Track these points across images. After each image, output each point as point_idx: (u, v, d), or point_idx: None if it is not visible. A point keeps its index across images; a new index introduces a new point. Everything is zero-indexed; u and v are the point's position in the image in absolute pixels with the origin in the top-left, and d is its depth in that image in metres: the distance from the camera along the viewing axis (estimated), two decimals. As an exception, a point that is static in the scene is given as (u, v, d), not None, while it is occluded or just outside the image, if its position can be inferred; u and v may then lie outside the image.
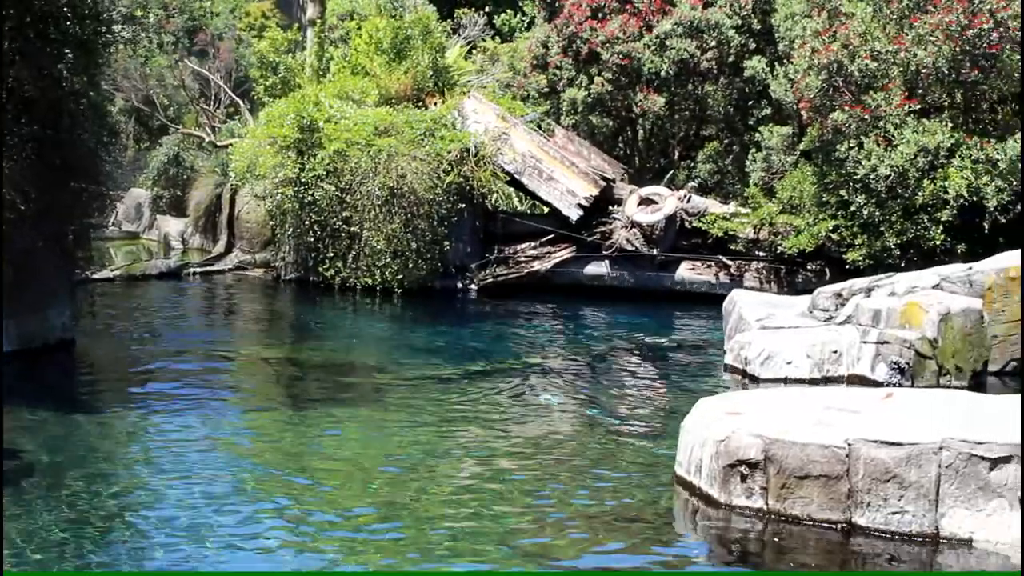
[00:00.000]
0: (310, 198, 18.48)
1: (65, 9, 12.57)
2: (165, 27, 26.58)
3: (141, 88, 26.86)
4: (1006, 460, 7.57)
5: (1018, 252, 13.11)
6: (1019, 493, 7.47)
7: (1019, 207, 15.20)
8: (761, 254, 17.91)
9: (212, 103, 27.32)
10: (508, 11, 27.17)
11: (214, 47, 28.19)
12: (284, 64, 25.31)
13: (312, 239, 18.76)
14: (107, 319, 15.76)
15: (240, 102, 26.29)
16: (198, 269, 21.03)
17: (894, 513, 7.74)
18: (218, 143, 24.92)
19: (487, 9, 27.04)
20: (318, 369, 13.15)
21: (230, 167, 21.16)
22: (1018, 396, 9.43)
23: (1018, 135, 15.33)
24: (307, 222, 18.63)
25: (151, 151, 26.99)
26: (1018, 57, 15.66)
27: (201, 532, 7.62)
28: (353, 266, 18.44)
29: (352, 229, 18.34)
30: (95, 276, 17.66)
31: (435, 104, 19.97)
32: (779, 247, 17.42)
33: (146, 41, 17.52)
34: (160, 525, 7.79)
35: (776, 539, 7.76)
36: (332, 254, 18.62)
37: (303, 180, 18.49)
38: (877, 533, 7.73)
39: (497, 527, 7.97)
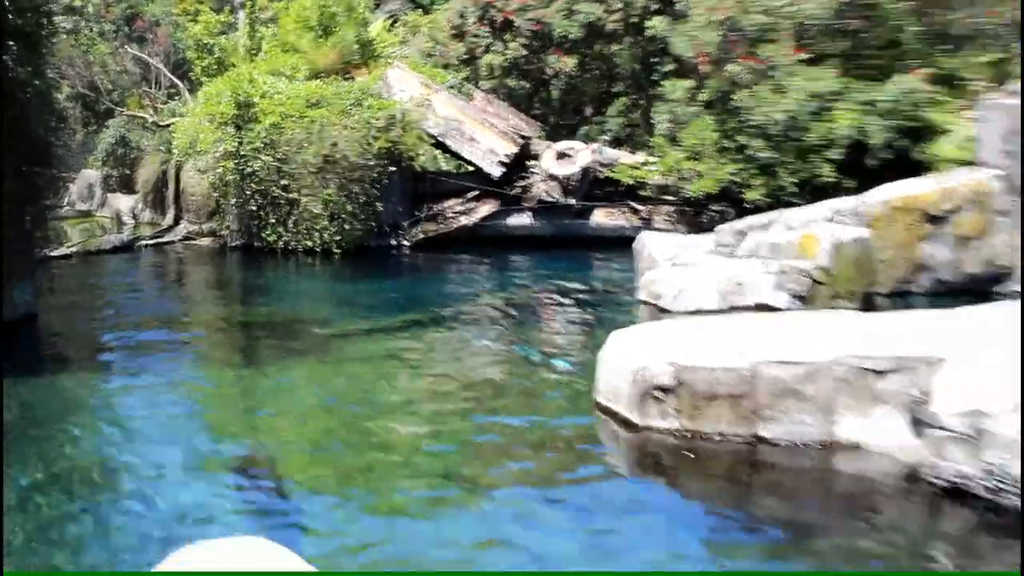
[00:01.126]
0: (250, 169, 18.42)
1: (7, 3, 12.46)
2: (105, 16, 26.34)
3: (85, 75, 26.54)
4: (892, 371, 7.76)
5: (901, 182, 13.32)
6: (911, 400, 7.64)
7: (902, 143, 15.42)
8: (669, 198, 18.04)
9: (153, 86, 27.10)
10: (426, -16, 27.09)
11: (152, 33, 27.94)
12: (218, 45, 25.13)
13: (254, 207, 18.71)
14: (67, 293, 15.69)
15: (179, 83, 26.08)
16: (149, 241, 20.91)
17: (794, 425, 7.92)
18: (161, 123, 24.71)
19: (407, -16, 26.93)
20: (267, 327, 13.17)
21: (173, 145, 21.06)
22: (903, 312, 9.66)
23: (898, 78, 15.53)
24: (248, 192, 18.58)
25: (99, 134, 26.70)
26: (894, 5, 15.83)
27: (158, 482, 7.68)
28: (294, 231, 18.41)
29: (291, 196, 18.31)
30: (53, 254, 17.54)
31: (362, 76, 19.93)
32: (685, 191, 17.56)
33: (87, 30, 17.43)
34: (128, 473, 7.85)
35: (690, 454, 7.90)
36: (273, 220, 18.58)
37: (242, 153, 18.43)
38: (780, 444, 7.90)
39: (436, 455, 8.09)
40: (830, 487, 7.45)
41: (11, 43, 12.55)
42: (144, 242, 20.85)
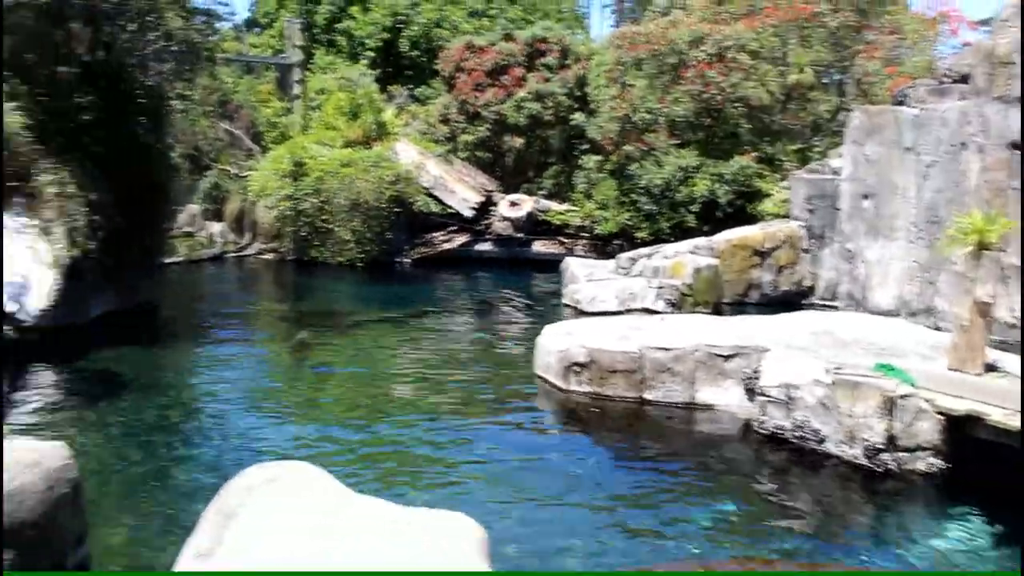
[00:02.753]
0: (301, 207, 18.24)
1: (139, 91, 12.33)
2: (205, 100, 25.97)
3: (191, 140, 26.17)
4: (734, 356, 7.79)
5: (739, 228, 13.39)
6: (746, 376, 7.66)
7: (740, 202, 15.49)
8: (585, 235, 18.05)
9: (237, 148, 26.77)
10: (423, 85, 26.87)
11: (237, 113, 27.58)
12: (282, 123, 24.89)
13: (304, 233, 18.53)
14: (176, 288, 15.50)
15: (255, 147, 25.79)
16: (233, 255, 20.68)
17: (668, 391, 7.93)
18: (241, 174, 24.42)
19: (410, 85, 26.73)
20: (311, 314, 13.02)
21: (250, 189, 20.82)
22: (741, 316, 9.69)
23: (736, 158, 15.60)
24: (300, 222, 18.40)
25: (199, 181, 26.34)
26: (734, 110, 15.92)
27: (232, 426, 7.61)
28: (331, 250, 18.23)
29: (329, 226, 18.14)
30: (167, 261, 17.32)
31: (378, 146, 19.81)
32: (596, 230, 17.58)
33: (193, 109, 17.19)
34: (205, 419, 7.77)
35: (597, 410, 7.90)
36: (317, 242, 18.40)
37: (296, 196, 18.26)
38: (659, 404, 7.92)
39: (421, 406, 8.05)
40: (691, 432, 7.47)
41: (141, 118, 12.42)
42: (229, 255, 20.62)
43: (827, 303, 11.94)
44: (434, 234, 18.96)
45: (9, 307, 9.68)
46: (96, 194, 10.67)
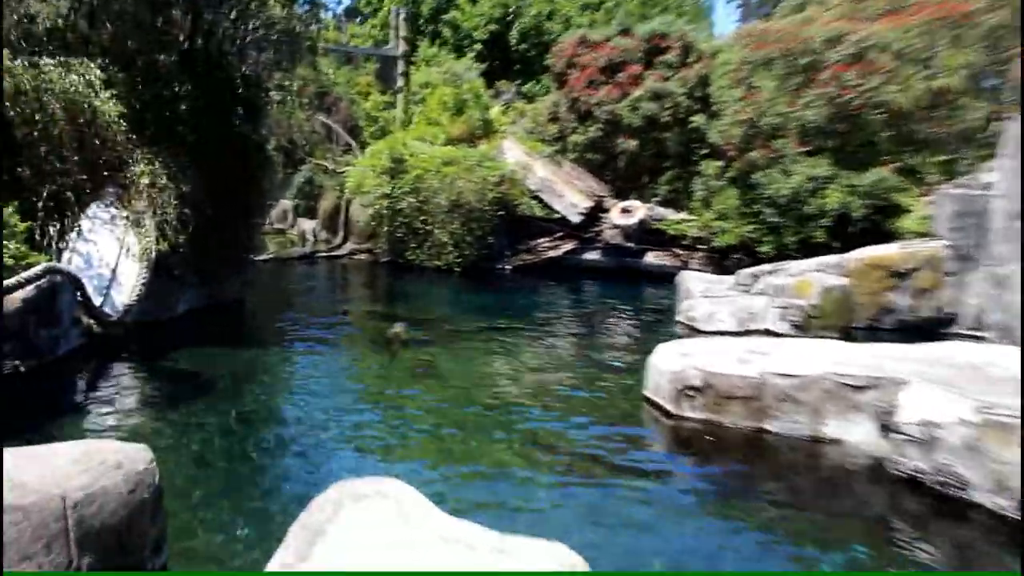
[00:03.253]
0: (399, 207, 18.52)
1: (238, 80, 12.64)
2: (303, 92, 26.56)
3: (287, 133, 26.85)
4: (867, 387, 7.54)
5: (875, 247, 13.04)
6: (880, 409, 7.43)
7: (876, 217, 15.10)
8: (702, 247, 17.86)
9: (334, 143, 27.31)
10: (532, 81, 26.98)
11: (335, 106, 28.17)
12: (382, 117, 25.32)
13: (400, 235, 18.80)
14: (264, 287, 15.84)
15: (352, 142, 26.28)
16: (325, 254, 21.09)
17: (791, 422, 7.73)
18: (337, 170, 24.91)
19: (518, 81, 26.87)
20: (404, 320, 13.14)
21: (345, 186, 21.21)
22: (874, 343, 9.39)
23: (874, 170, 15.22)
24: (397, 223, 18.69)
25: (293, 175, 26.98)
26: (873, 117, 15.53)
27: (319, 433, 7.69)
28: (427, 252, 18.46)
29: (427, 228, 18.37)
30: (258, 258, 17.75)
31: (483, 144, 19.95)
32: (714, 242, 17.37)
33: (290, 101, 17.59)
34: (292, 424, 7.87)
35: (711, 438, 7.75)
36: (414, 244, 18.66)
37: (394, 195, 18.53)
38: (779, 435, 7.72)
39: (519, 426, 8.01)
40: (815, 468, 7.25)
41: (238, 108, 12.73)
42: (321, 254, 21.04)
43: (973, 333, 11.50)
44: (538, 240, 19.00)
45: (96, 301, 10.01)
46: (188, 186, 10.98)
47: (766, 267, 13.26)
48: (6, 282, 8.42)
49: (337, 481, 4.40)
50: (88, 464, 4.33)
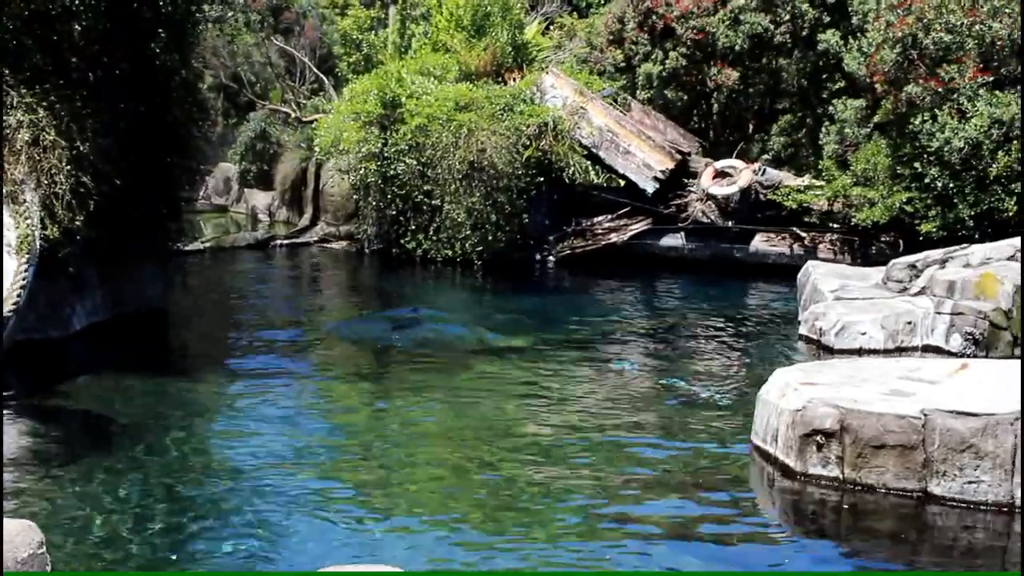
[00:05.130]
0: (392, 172, 18.55)
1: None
2: (252, 6, 26.75)
3: (229, 65, 27.05)
4: (1083, 432, 7.45)
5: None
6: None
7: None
8: (835, 226, 17.77)
9: (297, 80, 27.46)
10: (585, -14, 27.05)
11: (299, 25, 28.32)
12: (367, 41, 25.46)
13: (394, 212, 18.84)
14: (197, 289, 15.92)
15: (324, 79, 26.40)
16: (284, 241, 21.22)
17: (970, 483, 7.65)
18: (303, 119, 25.05)
19: (565, -15, 26.93)
20: (399, 339, 13.14)
21: (315, 142, 21.27)
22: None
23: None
24: (390, 195, 18.72)
25: (238, 127, 27.19)
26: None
27: (269, 497, 7.69)
28: (434, 238, 18.49)
29: (433, 202, 18.39)
30: (186, 248, 17.85)
31: (514, 80, 19.95)
32: (853, 219, 17.26)
33: (233, 20, 17.71)
34: (230, 486, 7.87)
35: (852, 508, 7.68)
36: (414, 227, 18.69)
37: (386, 155, 18.57)
38: (952, 502, 7.64)
39: (574, 490, 7.96)
40: (1009, 553, 7.15)
41: (159, 30, 12.77)
42: (279, 241, 21.17)
43: None
44: (595, 219, 19.03)
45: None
46: (86, 144, 10.98)
47: (931, 255, 13.14)
48: None
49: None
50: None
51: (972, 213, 15.56)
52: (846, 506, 7.71)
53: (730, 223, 18.27)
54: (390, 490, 8.03)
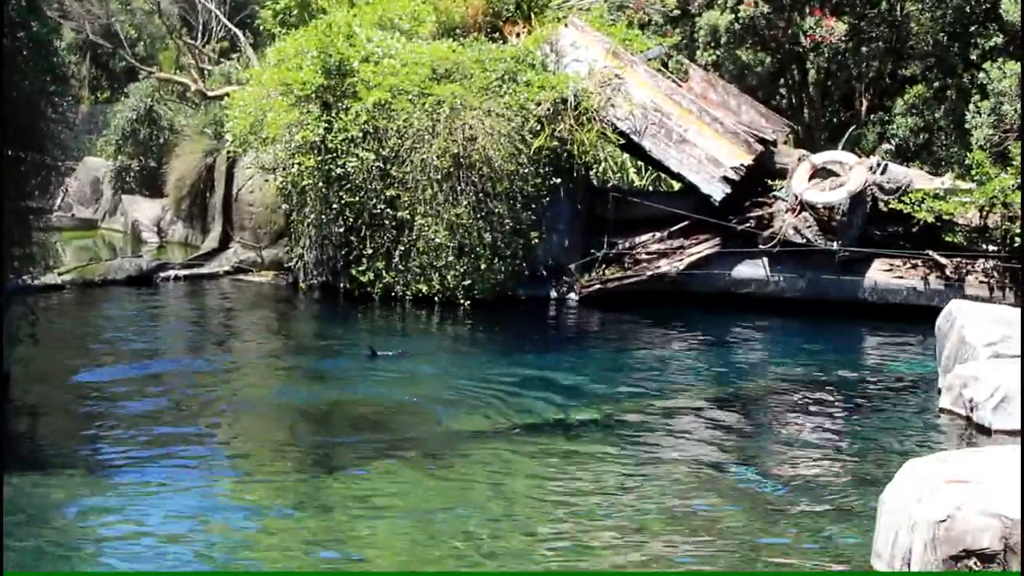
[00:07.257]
0: (340, 171, 18.55)
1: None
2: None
3: (100, 16, 27.12)
4: None
5: None
6: None
7: None
8: (991, 248, 17.76)
9: (199, 36, 27.54)
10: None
11: (203, -44, 28.45)
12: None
13: (343, 229, 18.84)
14: (54, 345, 15.90)
15: (240, 34, 26.48)
16: (181, 272, 21.23)
17: None
18: (209, 93, 25.10)
19: None
20: (344, 424, 13.10)
21: (226, 127, 21.32)
22: None
23: None
24: (336, 205, 18.72)
25: (113, 104, 27.23)
26: None
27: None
28: (401, 267, 18.51)
29: (400, 215, 18.41)
30: (37, 283, 17.82)
31: (517, 36, 20.00)
32: (1017, 238, 17.26)
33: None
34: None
35: None
36: (371, 250, 18.69)
37: (330, 145, 18.57)
38: None
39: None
40: None
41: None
42: (173, 272, 21.18)
43: None
44: (638, 239, 19.09)
45: None
46: None
47: None
48: None
49: None
50: None
51: None
52: None
53: (836, 244, 18.27)
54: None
